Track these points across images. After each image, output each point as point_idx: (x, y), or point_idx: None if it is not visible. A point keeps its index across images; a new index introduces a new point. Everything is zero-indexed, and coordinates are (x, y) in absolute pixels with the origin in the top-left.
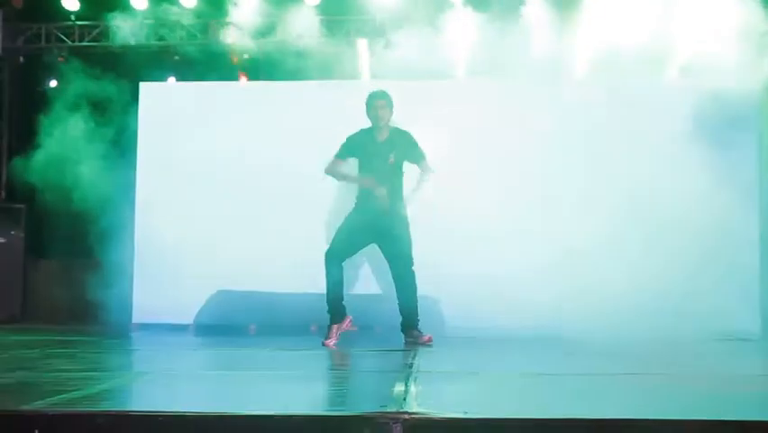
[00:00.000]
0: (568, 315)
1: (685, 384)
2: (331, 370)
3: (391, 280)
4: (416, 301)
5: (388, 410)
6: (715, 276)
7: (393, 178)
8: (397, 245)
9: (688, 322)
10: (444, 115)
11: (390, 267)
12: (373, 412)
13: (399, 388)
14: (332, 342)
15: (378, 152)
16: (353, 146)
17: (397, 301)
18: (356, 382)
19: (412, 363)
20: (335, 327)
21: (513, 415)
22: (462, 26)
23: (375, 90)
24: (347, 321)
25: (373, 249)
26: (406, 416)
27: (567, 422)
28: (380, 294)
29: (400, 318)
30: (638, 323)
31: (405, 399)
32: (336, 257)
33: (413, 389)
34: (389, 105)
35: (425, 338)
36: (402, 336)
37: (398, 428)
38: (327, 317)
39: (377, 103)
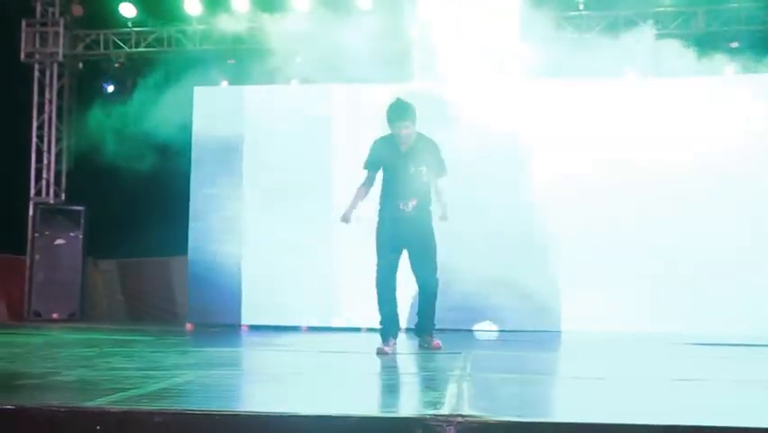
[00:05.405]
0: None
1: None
2: (384, 372)
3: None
4: (435, 307)
5: (442, 413)
6: None
7: (419, 186)
8: (423, 252)
9: None
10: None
11: (415, 272)
12: (426, 415)
13: (452, 390)
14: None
15: (401, 163)
16: (378, 157)
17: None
18: (409, 384)
19: (465, 366)
20: (392, 340)
21: (567, 419)
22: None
23: (397, 106)
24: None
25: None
26: (460, 418)
27: (622, 428)
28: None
29: (416, 320)
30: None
31: (458, 401)
32: (387, 279)
33: (466, 391)
34: (413, 122)
35: (435, 343)
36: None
37: (452, 430)
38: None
39: (400, 125)
